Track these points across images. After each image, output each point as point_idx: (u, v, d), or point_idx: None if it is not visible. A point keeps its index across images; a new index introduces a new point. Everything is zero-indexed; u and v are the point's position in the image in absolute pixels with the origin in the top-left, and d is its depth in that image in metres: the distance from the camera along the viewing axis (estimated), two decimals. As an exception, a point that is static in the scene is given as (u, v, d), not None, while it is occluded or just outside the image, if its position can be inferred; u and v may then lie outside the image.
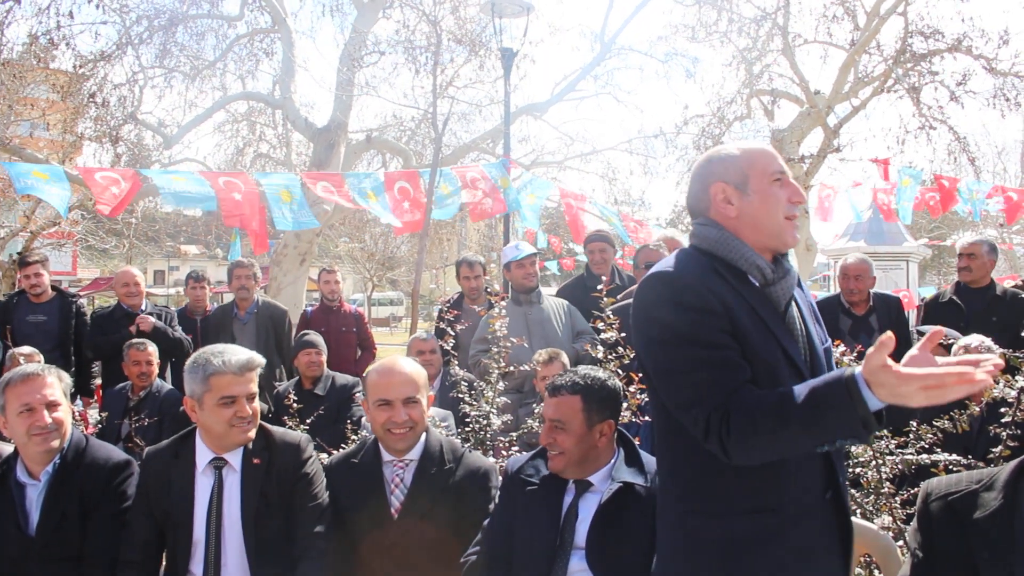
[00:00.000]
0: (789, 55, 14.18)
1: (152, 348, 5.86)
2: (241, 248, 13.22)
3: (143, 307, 6.81)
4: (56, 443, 3.12)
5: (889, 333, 1.72)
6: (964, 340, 4.65)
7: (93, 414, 5.83)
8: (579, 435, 2.83)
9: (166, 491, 3.07)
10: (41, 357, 5.36)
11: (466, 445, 3.58)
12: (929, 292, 14.82)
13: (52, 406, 3.12)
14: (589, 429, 2.84)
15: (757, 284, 2.13)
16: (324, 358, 6.03)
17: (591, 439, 2.86)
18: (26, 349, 5.60)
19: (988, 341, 4.57)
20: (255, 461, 3.08)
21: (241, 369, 3.02)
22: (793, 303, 2.20)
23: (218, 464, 3.07)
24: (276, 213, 7.99)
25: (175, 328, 6.88)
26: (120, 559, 3.06)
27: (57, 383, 3.19)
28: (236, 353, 3.06)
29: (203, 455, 3.10)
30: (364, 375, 3.35)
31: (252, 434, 3.08)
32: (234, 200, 7.80)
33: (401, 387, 3.12)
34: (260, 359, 3.13)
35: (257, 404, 3.11)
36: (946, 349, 4.92)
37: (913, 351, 1.78)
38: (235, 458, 3.08)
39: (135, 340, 5.92)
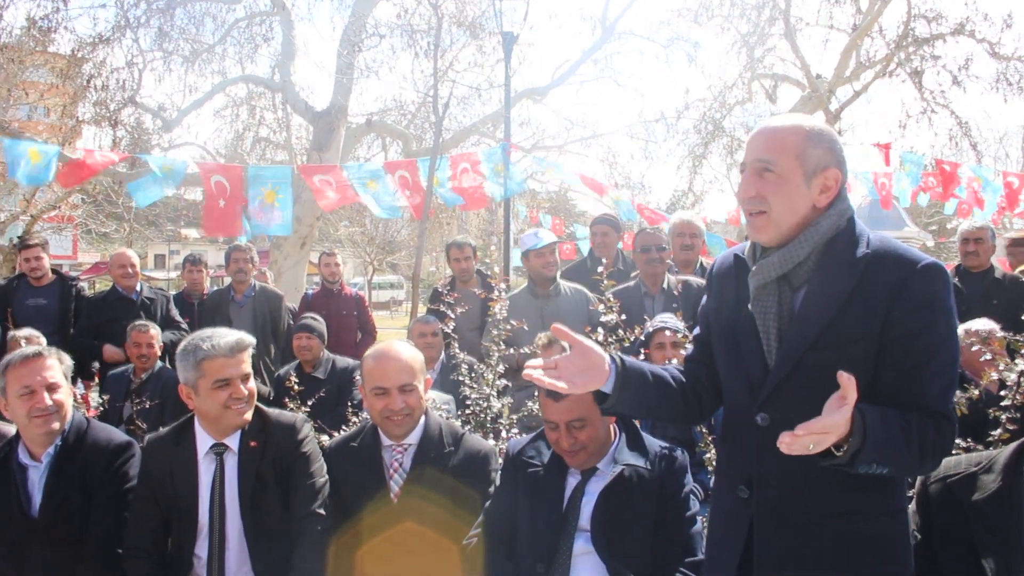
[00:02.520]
0: (791, 39, 14.17)
1: (155, 331, 5.88)
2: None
3: (139, 289, 6.82)
4: (56, 425, 3.13)
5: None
6: (970, 325, 4.64)
7: (94, 396, 5.83)
8: (599, 423, 2.84)
9: (169, 478, 3.08)
10: (43, 339, 5.37)
11: (466, 428, 3.57)
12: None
13: (52, 388, 3.13)
14: (604, 414, 2.83)
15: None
16: (318, 342, 6.01)
17: (607, 421, 2.89)
18: (27, 331, 5.59)
19: (994, 325, 4.58)
20: (252, 444, 3.08)
21: (232, 351, 3.03)
22: (783, 293, 2.07)
23: (219, 450, 3.08)
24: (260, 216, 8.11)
25: (170, 310, 6.91)
26: (126, 545, 3.07)
27: (57, 365, 3.20)
28: (225, 336, 3.07)
29: (203, 441, 3.11)
30: (362, 360, 3.34)
31: (249, 415, 3.09)
32: (219, 208, 7.97)
33: (397, 374, 3.11)
34: (250, 339, 3.14)
35: (253, 384, 3.12)
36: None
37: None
38: (233, 442, 3.09)
39: (137, 322, 5.94)
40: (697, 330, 2.42)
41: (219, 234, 8.20)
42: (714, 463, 2.65)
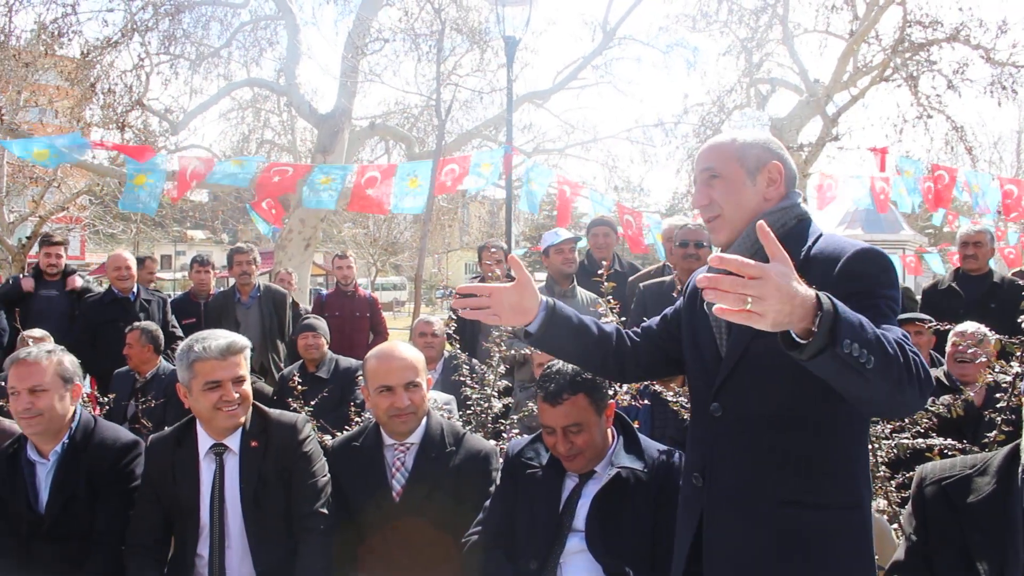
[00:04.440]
0: (788, 44, 14.29)
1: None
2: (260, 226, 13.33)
3: (135, 290, 6.86)
4: (41, 428, 3.16)
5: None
6: (960, 327, 4.72)
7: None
8: (595, 428, 2.86)
9: (171, 478, 3.10)
10: (51, 339, 5.38)
11: (467, 428, 3.59)
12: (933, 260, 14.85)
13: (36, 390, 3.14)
14: (600, 418, 2.89)
15: None
16: (323, 341, 6.04)
17: (603, 426, 2.91)
18: (37, 332, 5.66)
19: (983, 328, 4.61)
20: (253, 444, 3.10)
21: (223, 353, 3.04)
22: None
23: (218, 451, 3.10)
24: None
25: (167, 313, 6.95)
26: (128, 543, 3.09)
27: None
28: (218, 338, 3.08)
29: (204, 441, 3.12)
30: (364, 361, 3.37)
31: (242, 418, 3.11)
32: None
33: (401, 372, 3.13)
34: (243, 342, 3.15)
35: (247, 387, 3.13)
36: (940, 336, 5.04)
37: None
38: (234, 442, 3.11)
39: (136, 323, 5.96)
40: (667, 312, 2.53)
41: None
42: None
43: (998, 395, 3.43)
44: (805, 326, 1.59)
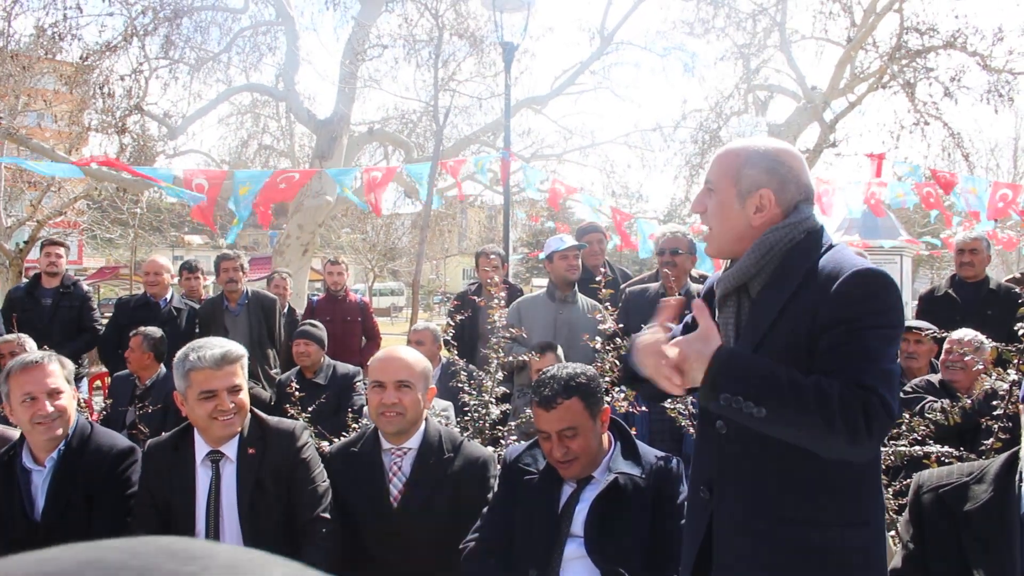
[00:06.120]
0: (786, 51, 14.33)
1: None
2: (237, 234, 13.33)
3: (168, 297, 6.94)
4: (60, 431, 3.15)
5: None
6: (956, 334, 4.72)
7: (98, 400, 5.90)
8: (590, 432, 2.86)
9: (167, 484, 3.09)
10: (32, 343, 5.32)
11: (465, 434, 3.60)
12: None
13: (54, 394, 3.14)
14: (595, 422, 2.88)
15: None
16: (316, 349, 6.02)
17: (599, 430, 2.91)
18: (14, 336, 5.59)
19: (979, 335, 4.64)
20: (250, 451, 3.09)
21: (218, 363, 3.01)
22: (742, 303, 2.17)
23: (215, 458, 3.09)
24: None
25: (195, 326, 6.95)
26: None
27: (59, 370, 3.20)
28: (213, 347, 3.06)
29: (201, 448, 3.12)
30: (369, 363, 3.38)
31: (237, 427, 3.10)
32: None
33: (395, 370, 3.15)
34: (239, 351, 3.13)
35: (244, 396, 3.11)
36: (938, 343, 5.05)
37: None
38: (231, 449, 3.10)
39: (140, 328, 5.92)
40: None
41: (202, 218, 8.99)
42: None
43: (995, 402, 3.41)
44: None
